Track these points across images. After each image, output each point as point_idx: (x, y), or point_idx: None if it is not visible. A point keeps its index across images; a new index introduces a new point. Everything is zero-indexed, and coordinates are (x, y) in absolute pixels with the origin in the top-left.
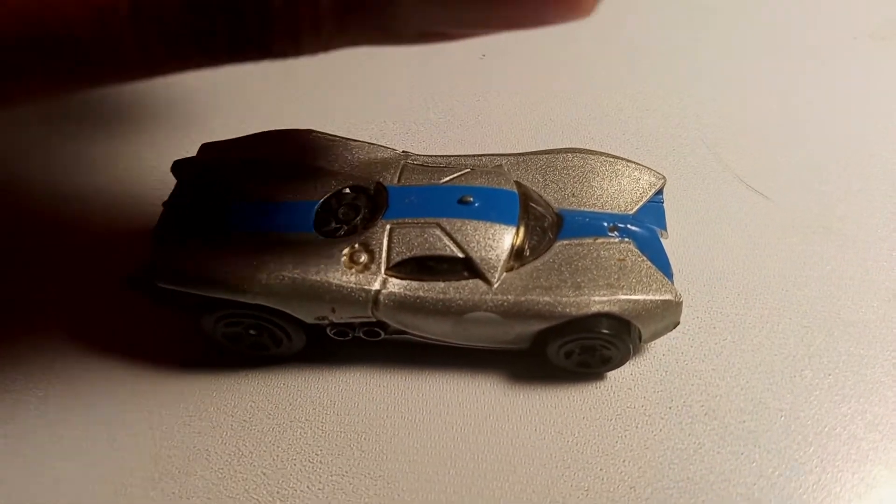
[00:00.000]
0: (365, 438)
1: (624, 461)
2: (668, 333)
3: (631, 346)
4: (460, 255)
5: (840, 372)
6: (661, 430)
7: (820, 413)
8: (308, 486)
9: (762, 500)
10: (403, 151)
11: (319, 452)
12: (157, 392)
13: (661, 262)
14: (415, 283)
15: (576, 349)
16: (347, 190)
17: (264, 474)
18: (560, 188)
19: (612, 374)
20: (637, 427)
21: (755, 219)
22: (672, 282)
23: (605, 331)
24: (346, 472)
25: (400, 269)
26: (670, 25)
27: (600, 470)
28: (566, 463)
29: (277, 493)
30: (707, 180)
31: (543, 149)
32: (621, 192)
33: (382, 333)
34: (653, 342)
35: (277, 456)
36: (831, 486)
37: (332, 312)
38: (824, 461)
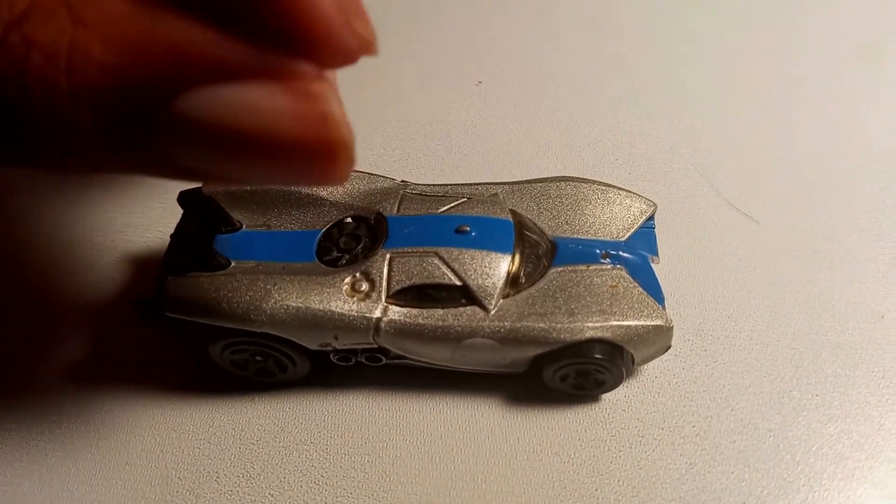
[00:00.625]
0: (368, 460)
1: (618, 481)
2: (660, 356)
3: (624, 370)
4: (458, 283)
5: (827, 392)
6: (653, 451)
7: (808, 433)
8: None
9: None
10: (402, 181)
11: (325, 474)
12: (167, 416)
13: (653, 288)
14: (414, 311)
15: (571, 373)
16: (349, 220)
17: (272, 496)
18: (554, 216)
19: (606, 397)
20: (630, 448)
21: (744, 243)
22: (663, 307)
23: (599, 356)
24: (351, 493)
25: (400, 297)
26: (661, 51)
27: (595, 490)
28: (562, 483)
29: None
30: (698, 205)
31: (538, 177)
32: (613, 220)
33: (384, 359)
34: (645, 365)
35: (284, 478)
36: None
37: (335, 339)
38: (812, 480)
